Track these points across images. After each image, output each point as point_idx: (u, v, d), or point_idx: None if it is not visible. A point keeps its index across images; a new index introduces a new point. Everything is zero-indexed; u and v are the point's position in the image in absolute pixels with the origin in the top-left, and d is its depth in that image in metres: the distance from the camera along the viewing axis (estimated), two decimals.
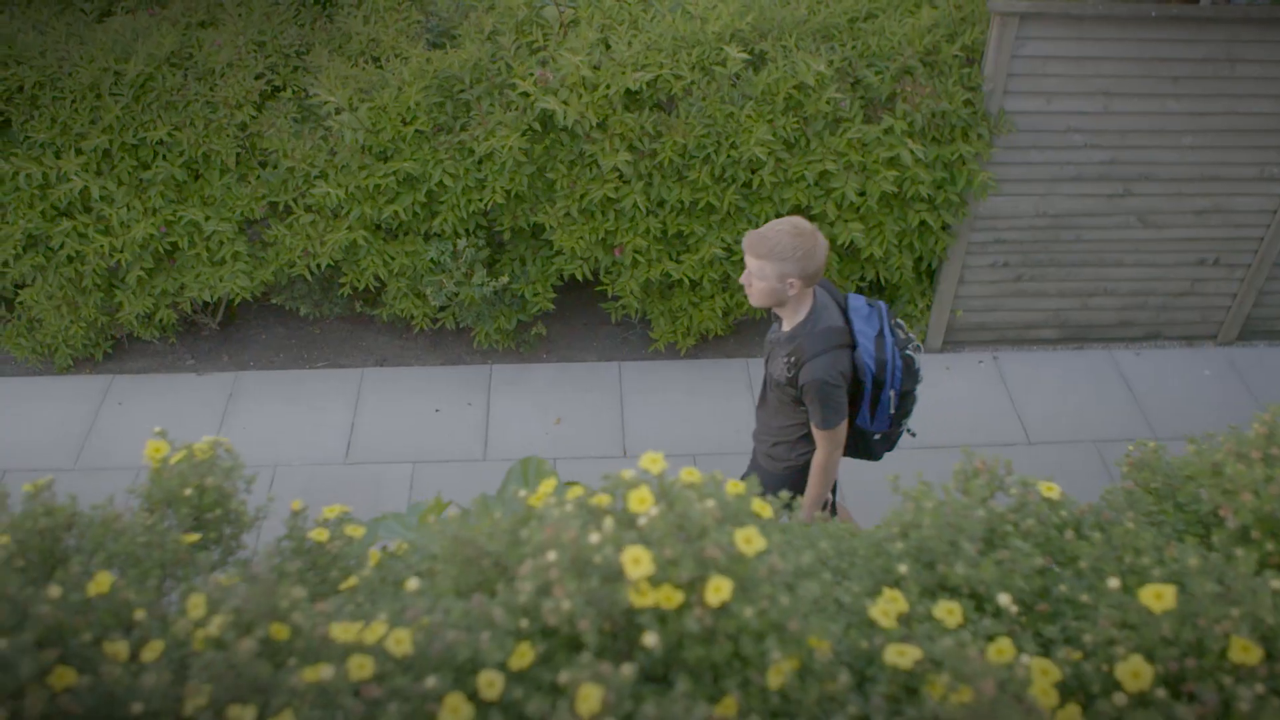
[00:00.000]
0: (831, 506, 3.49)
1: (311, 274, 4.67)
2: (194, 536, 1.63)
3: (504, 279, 4.63)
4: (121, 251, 4.47)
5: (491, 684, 1.27)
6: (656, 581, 1.32)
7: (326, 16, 4.76)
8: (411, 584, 1.44)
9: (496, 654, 1.31)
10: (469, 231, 4.60)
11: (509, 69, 4.26)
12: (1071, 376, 5.04)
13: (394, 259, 4.62)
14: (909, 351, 3.01)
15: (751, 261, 2.85)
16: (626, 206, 4.38)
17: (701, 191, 4.38)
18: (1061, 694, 1.34)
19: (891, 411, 3.05)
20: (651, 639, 1.29)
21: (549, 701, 1.24)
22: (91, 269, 4.54)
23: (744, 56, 4.14)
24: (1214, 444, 1.74)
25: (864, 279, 4.81)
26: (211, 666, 1.25)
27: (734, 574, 1.33)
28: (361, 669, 1.26)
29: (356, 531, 1.78)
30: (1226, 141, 4.53)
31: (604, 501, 1.47)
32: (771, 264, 2.81)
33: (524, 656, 1.32)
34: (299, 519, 1.76)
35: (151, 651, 1.28)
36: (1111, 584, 1.41)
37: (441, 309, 4.89)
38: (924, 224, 4.59)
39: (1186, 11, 4.20)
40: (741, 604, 1.32)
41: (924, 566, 1.53)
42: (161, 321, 4.85)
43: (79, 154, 4.34)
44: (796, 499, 2.00)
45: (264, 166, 4.48)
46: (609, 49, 4.27)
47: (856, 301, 3.01)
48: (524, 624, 1.37)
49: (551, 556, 1.32)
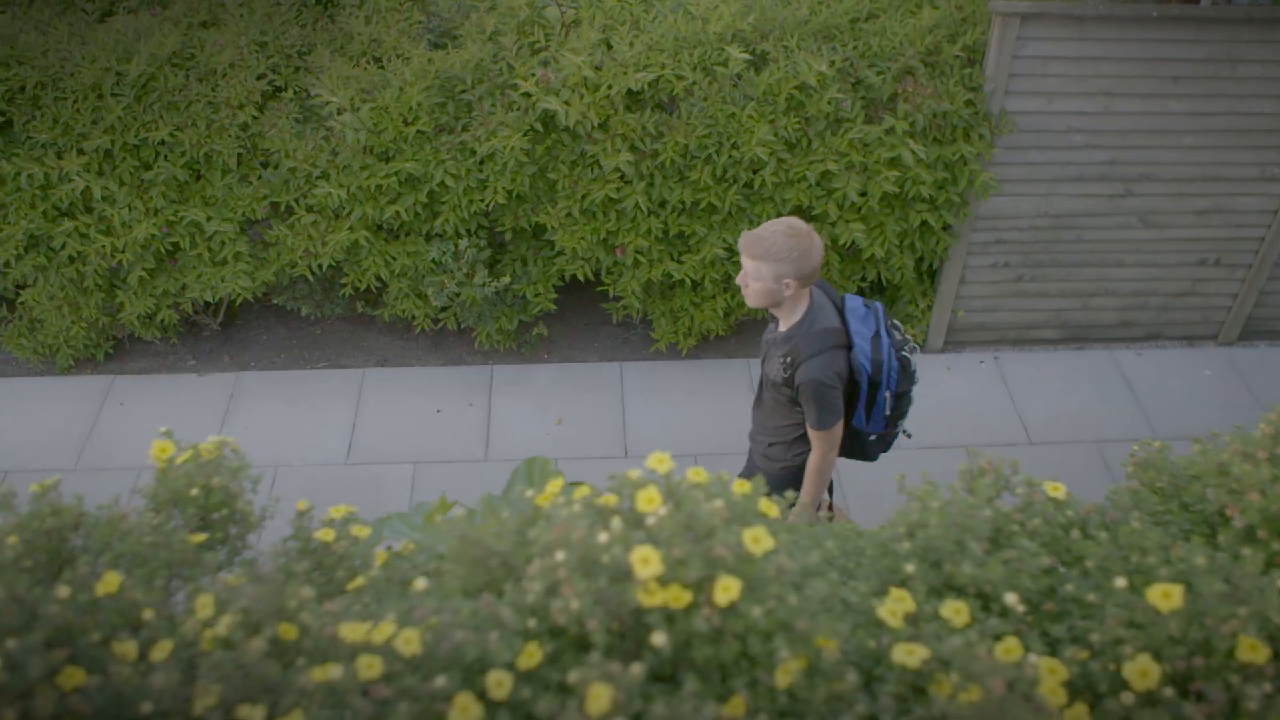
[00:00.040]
0: (828, 508, 3.49)
1: (313, 274, 4.67)
2: (200, 537, 1.63)
3: (505, 279, 4.63)
4: (123, 252, 4.47)
5: (500, 684, 1.27)
6: (665, 581, 1.32)
7: (328, 17, 4.76)
8: (419, 584, 1.44)
9: (505, 654, 1.31)
10: (470, 232, 4.60)
11: (511, 69, 4.26)
12: (1072, 377, 5.04)
13: (395, 259, 4.62)
14: (905, 353, 3.01)
15: (747, 262, 2.84)
16: (628, 207, 4.38)
17: (703, 192, 4.38)
18: (1069, 693, 1.35)
19: (887, 413, 3.05)
20: (660, 639, 1.29)
21: (558, 701, 1.24)
22: (93, 269, 4.54)
23: (745, 57, 4.15)
24: (1219, 444, 1.74)
25: (865, 279, 4.81)
26: (220, 666, 1.25)
27: (742, 573, 1.33)
28: (370, 669, 1.26)
29: (362, 532, 1.78)
30: (1227, 142, 4.53)
31: (611, 501, 1.47)
32: (767, 265, 2.80)
33: (532, 656, 1.32)
34: (304, 519, 1.76)
35: (161, 651, 1.28)
36: (1119, 583, 1.41)
37: (443, 309, 4.89)
38: (925, 224, 4.59)
39: (1188, 12, 4.20)
40: (749, 603, 1.33)
41: (930, 566, 1.53)
42: (163, 322, 4.85)
43: (81, 154, 4.34)
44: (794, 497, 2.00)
45: (266, 167, 4.48)
46: (611, 49, 4.27)
47: (853, 302, 3.00)
48: (532, 624, 1.37)
49: (560, 556, 1.32)
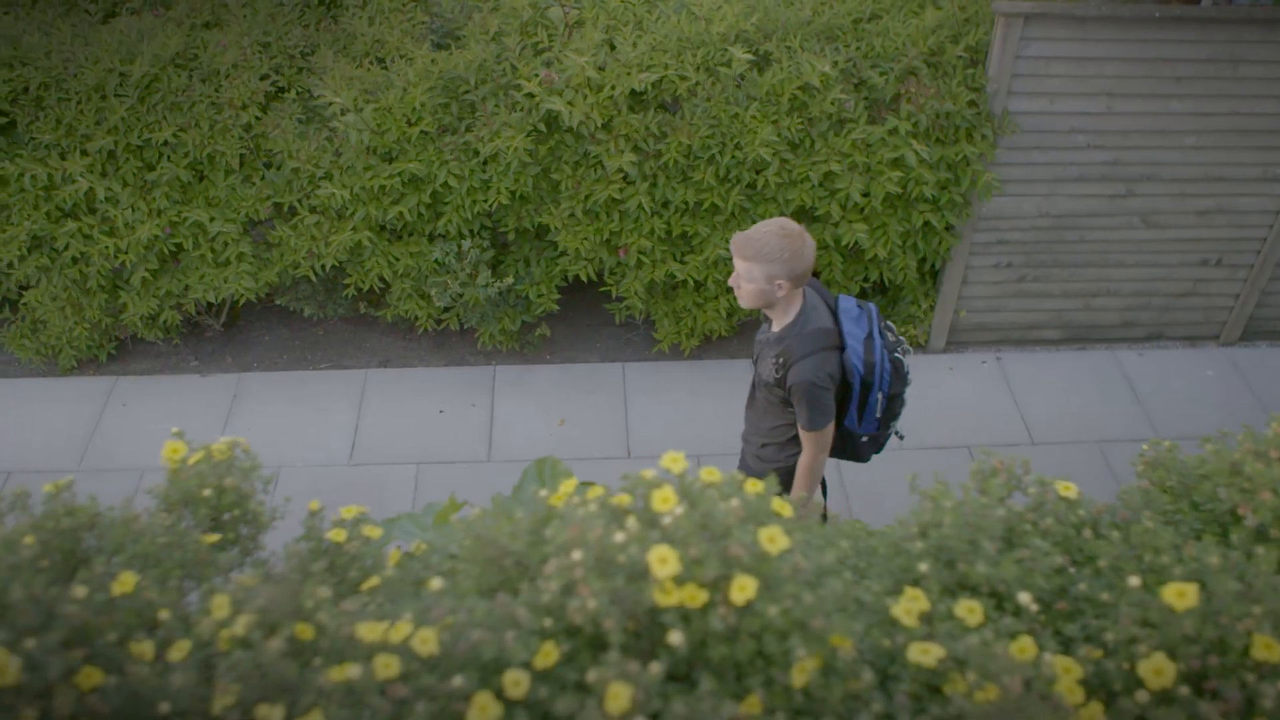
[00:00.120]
0: (823, 511, 3.48)
1: (316, 275, 4.67)
2: (214, 537, 1.63)
3: (508, 280, 4.63)
4: (126, 253, 4.47)
5: (517, 683, 1.28)
6: (681, 580, 1.32)
7: (331, 17, 4.76)
8: (435, 584, 1.44)
9: (521, 653, 1.31)
10: (473, 232, 4.60)
11: (514, 70, 4.26)
12: (1074, 377, 5.05)
13: (398, 260, 4.62)
14: (898, 354, 3.00)
15: (739, 263, 2.84)
16: (631, 207, 4.38)
17: (706, 192, 4.39)
18: (1084, 692, 1.35)
19: (879, 414, 3.05)
20: (676, 638, 1.29)
21: (578, 700, 1.25)
22: (96, 270, 4.53)
23: (749, 57, 4.15)
24: (1230, 444, 1.74)
25: (868, 280, 4.82)
26: (238, 666, 1.25)
27: (758, 573, 1.34)
28: (388, 668, 1.26)
29: (374, 532, 1.78)
30: (1229, 142, 4.54)
31: (625, 501, 1.48)
32: (759, 266, 2.79)
33: (548, 656, 1.32)
34: (316, 519, 1.76)
35: (179, 651, 1.28)
36: (1133, 582, 1.42)
37: (445, 310, 4.88)
38: (928, 225, 4.60)
39: (1190, 12, 4.21)
40: (765, 603, 1.33)
41: (944, 565, 1.53)
42: (165, 323, 4.85)
43: (84, 155, 4.33)
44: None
45: (269, 167, 4.48)
46: (614, 50, 4.27)
47: (846, 303, 3.00)
48: (547, 623, 1.37)
49: (577, 556, 1.32)
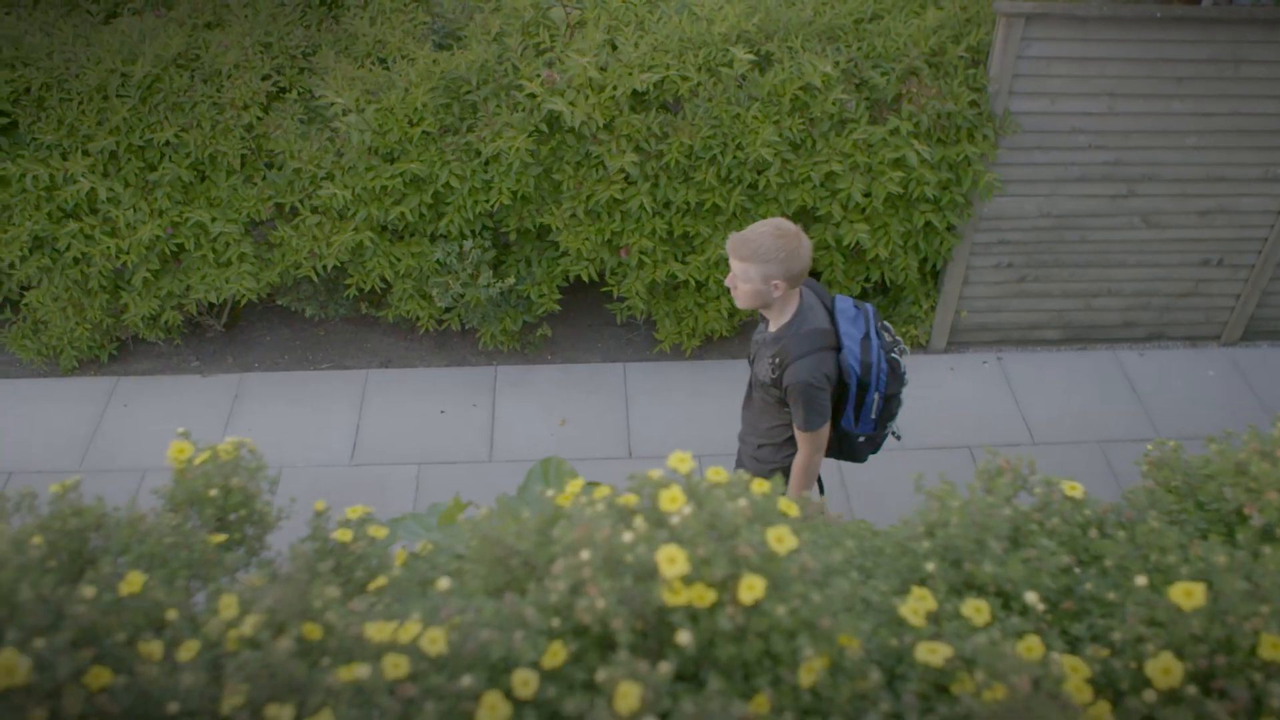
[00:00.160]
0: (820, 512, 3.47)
1: (317, 275, 4.67)
2: (220, 537, 1.63)
3: (510, 280, 4.63)
4: (128, 253, 4.47)
5: (526, 683, 1.28)
6: (689, 580, 1.32)
7: (332, 18, 4.76)
8: (443, 583, 1.44)
9: (529, 653, 1.31)
10: (475, 233, 4.60)
11: (516, 70, 4.26)
12: (1075, 377, 5.05)
13: (400, 260, 4.62)
14: (895, 355, 3.00)
15: (735, 264, 2.83)
16: (633, 207, 4.39)
17: (707, 192, 4.39)
18: (1092, 691, 1.35)
19: (876, 415, 3.04)
20: (685, 637, 1.29)
21: (587, 700, 1.25)
22: (97, 271, 4.53)
23: (750, 58, 4.15)
24: (1234, 443, 1.74)
25: (869, 280, 4.82)
26: (247, 666, 1.25)
27: (766, 572, 1.34)
28: (397, 668, 1.27)
29: (379, 532, 1.78)
30: (1231, 142, 4.54)
31: (631, 501, 1.48)
32: (755, 266, 2.79)
33: (556, 655, 1.32)
34: (322, 520, 1.76)
35: (188, 651, 1.28)
36: (1139, 582, 1.42)
37: (447, 310, 4.88)
38: (929, 225, 4.60)
39: (1191, 12, 4.21)
40: (773, 602, 1.33)
41: (950, 565, 1.53)
42: (167, 323, 4.85)
43: (86, 155, 4.33)
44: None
45: (270, 168, 4.48)
46: (615, 50, 4.27)
47: (843, 303, 2.99)
48: (555, 623, 1.37)
49: (585, 555, 1.32)
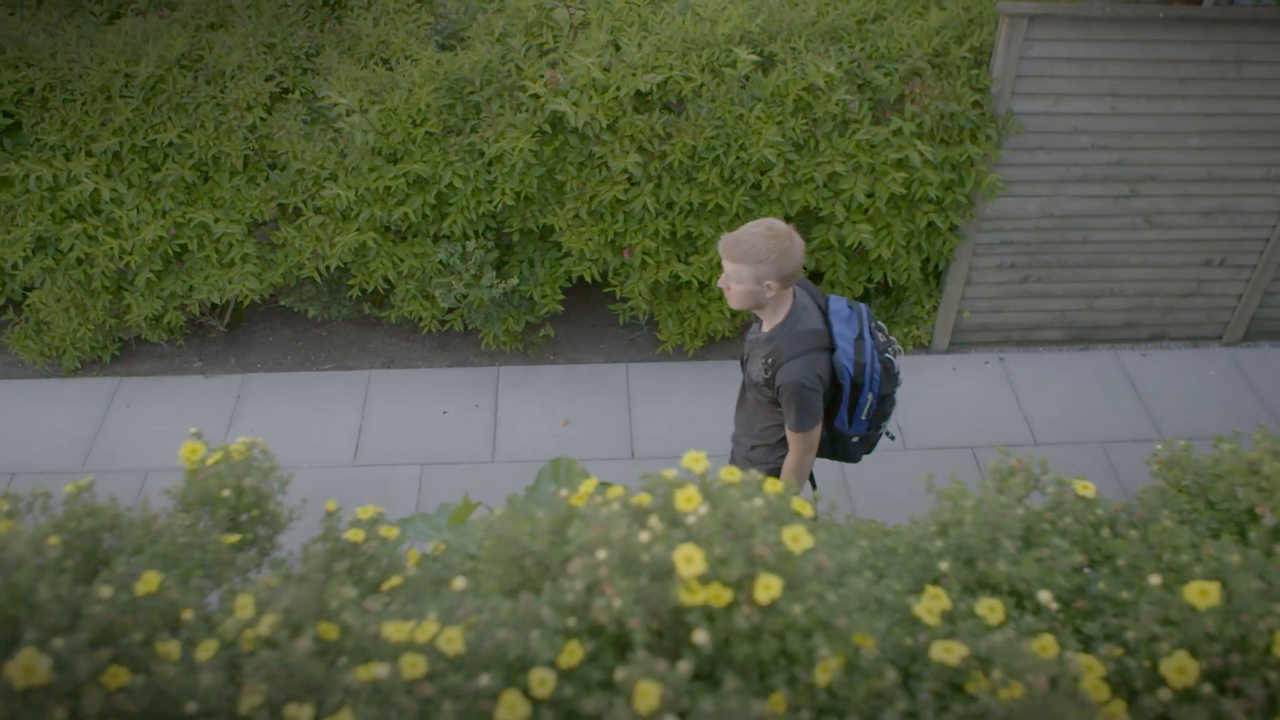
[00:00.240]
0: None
1: (320, 276, 4.67)
2: (234, 537, 1.63)
3: (512, 281, 4.63)
4: (131, 254, 4.46)
5: (543, 682, 1.28)
6: (705, 580, 1.33)
7: (336, 18, 4.76)
8: (458, 583, 1.44)
9: (546, 652, 1.31)
10: (478, 233, 4.60)
11: (519, 71, 4.27)
12: (1077, 377, 5.06)
13: (403, 261, 4.62)
14: (888, 355, 3.00)
15: (728, 265, 2.83)
16: (636, 208, 4.39)
17: (710, 193, 4.39)
18: (1108, 689, 1.35)
19: (867, 415, 3.03)
20: (702, 637, 1.30)
21: (606, 699, 1.25)
22: (100, 271, 4.53)
23: (753, 58, 4.15)
24: (1244, 443, 1.75)
25: (871, 280, 4.83)
26: (266, 666, 1.25)
27: (782, 572, 1.34)
28: (414, 668, 1.27)
29: (391, 532, 1.78)
30: (1233, 143, 4.55)
31: (645, 501, 1.48)
32: (747, 267, 2.79)
33: (573, 655, 1.33)
34: (334, 520, 1.76)
35: (205, 651, 1.28)
36: (1153, 581, 1.42)
37: (450, 311, 4.88)
38: (932, 225, 4.61)
39: (1193, 13, 4.22)
40: (789, 601, 1.33)
41: (964, 564, 1.53)
42: (169, 324, 4.84)
43: (89, 156, 4.33)
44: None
45: (274, 168, 4.48)
46: (619, 51, 4.28)
47: (837, 304, 3.00)
48: (571, 622, 1.37)
49: (601, 555, 1.32)
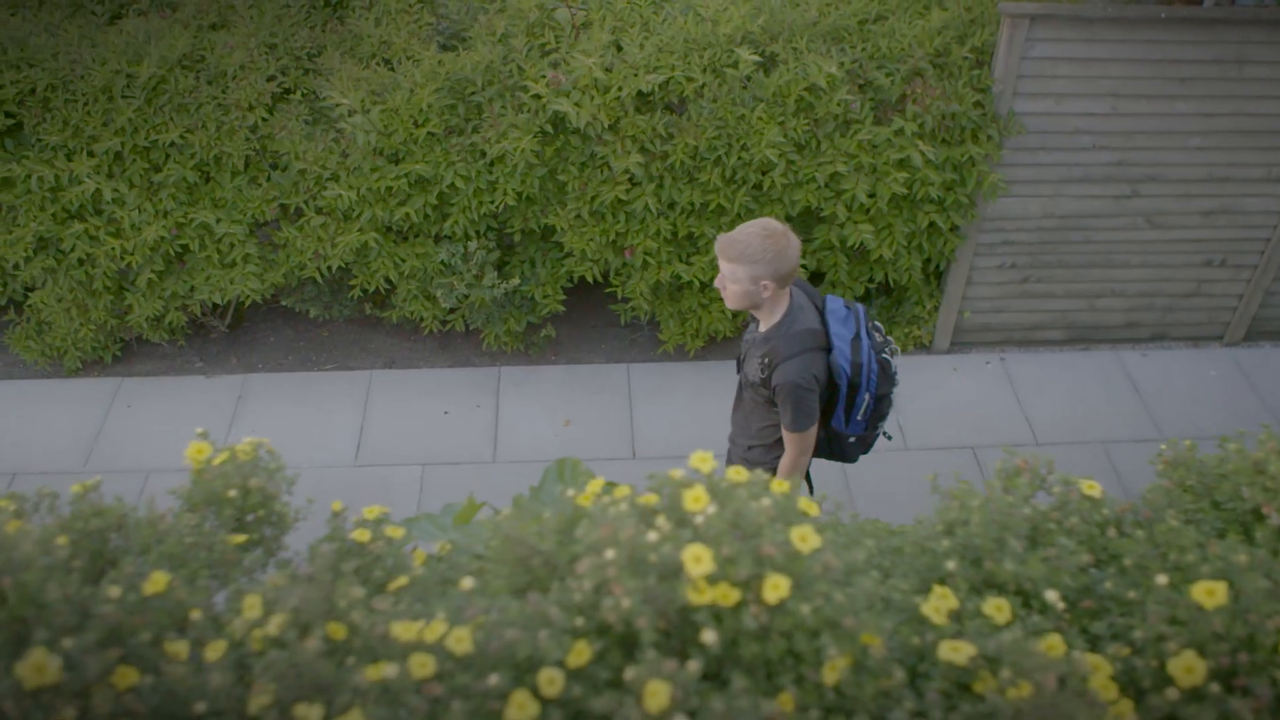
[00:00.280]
0: None
1: (322, 276, 4.67)
2: (240, 538, 1.63)
3: (514, 281, 4.63)
4: (132, 254, 4.46)
5: (552, 681, 1.28)
6: (714, 579, 1.33)
7: (338, 19, 4.76)
8: (466, 583, 1.44)
9: (555, 652, 1.31)
10: (480, 233, 4.60)
11: (521, 71, 4.27)
12: (1078, 377, 5.06)
13: (405, 261, 4.62)
14: (885, 355, 3.00)
15: (724, 265, 2.83)
16: (637, 208, 4.39)
17: (712, 193, 4.39)
18: (1117, 689, 1.36)
19: (863, 415, 3.03)
20: (710, 636, 1.30)
21: (615, 698, 1.25)
22: (102, 271, 4.53)
23: (755, 58, 4.16)
24: (1249, 444, 1.75)
25: (873, 280, 4.83)
26: (275, 666, 1.25)
27: (790, 572, 1.34)
28: (423, 667, 1.27)
29: (396, 533, 1.78)
30: (1234, 143, 4.55)
31: (652, 501, 1.48)
32: (743, 267, 2.79)
33: (581, 655, 1.33)
34: (340, 520, 1.76)
35: (214, 651, 1.28)
36: (1160, 580, 1.43)
37: (451, 311, 4.88)
38: (933, 225, 4.61)
39: (1195, 13, 4.22)
40: (797, 601, 1.33)
41: (970, 563, 1.54)
42: (171, 324, 4.84)
43: (91, 156, 4.33)
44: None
45: (275, 169, 4.48)
46: (621, 51, 4.28)
47: (834, 304, 2.99)
48: (579, 622, 1.38)
49: (610, 555, 1.33)
